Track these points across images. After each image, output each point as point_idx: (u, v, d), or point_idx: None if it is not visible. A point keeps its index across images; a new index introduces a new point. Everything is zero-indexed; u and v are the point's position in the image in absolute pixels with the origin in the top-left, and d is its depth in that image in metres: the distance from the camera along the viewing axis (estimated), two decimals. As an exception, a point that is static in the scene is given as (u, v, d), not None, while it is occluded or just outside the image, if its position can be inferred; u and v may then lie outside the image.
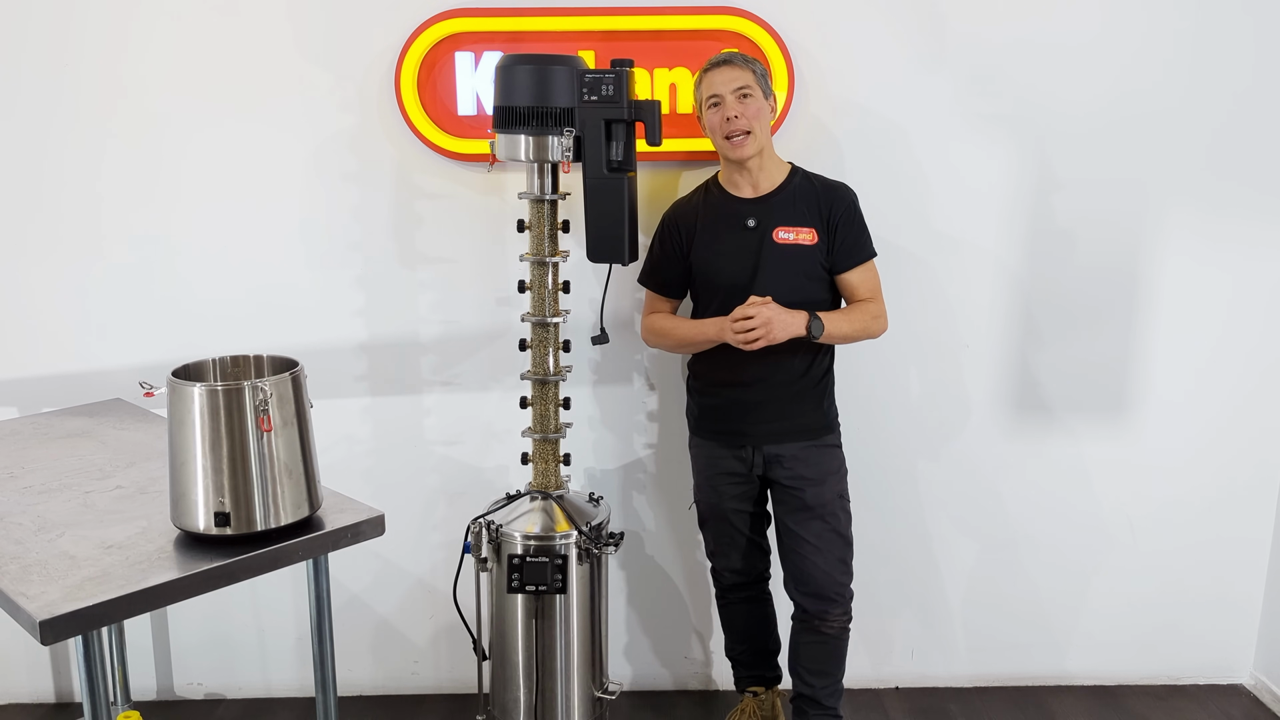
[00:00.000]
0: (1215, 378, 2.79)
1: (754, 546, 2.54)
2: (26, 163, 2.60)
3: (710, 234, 2.37)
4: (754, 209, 2.33)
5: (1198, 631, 2.96)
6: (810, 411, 2.39)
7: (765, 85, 2.29)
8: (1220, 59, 2.59)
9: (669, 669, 2.96)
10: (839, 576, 2.43)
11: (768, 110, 2.29)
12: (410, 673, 2.95)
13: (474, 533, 2.37)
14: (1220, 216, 2.68)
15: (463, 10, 2.50)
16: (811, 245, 2.30)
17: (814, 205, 2.31)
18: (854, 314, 2.33)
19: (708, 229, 2.37)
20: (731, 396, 2.41)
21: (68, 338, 2.70)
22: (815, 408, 2.40)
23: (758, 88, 2.26)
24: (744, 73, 2.25)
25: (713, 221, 2.37)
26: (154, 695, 2.94)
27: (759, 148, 2.28)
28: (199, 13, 2.53)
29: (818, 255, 2.31)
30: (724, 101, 2.24)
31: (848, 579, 2.45)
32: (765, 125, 2.29)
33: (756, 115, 2.25)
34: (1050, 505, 2.86)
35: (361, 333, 2.71)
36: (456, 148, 2.55)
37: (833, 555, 2.41)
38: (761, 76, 2.28)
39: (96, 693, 1.61)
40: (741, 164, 2.30)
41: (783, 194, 2.33)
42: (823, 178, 2.38)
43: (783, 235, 2.30)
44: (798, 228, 2.30)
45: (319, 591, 2.00)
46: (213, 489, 1.72)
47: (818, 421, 2.41)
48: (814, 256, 2.31)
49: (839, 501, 2.42)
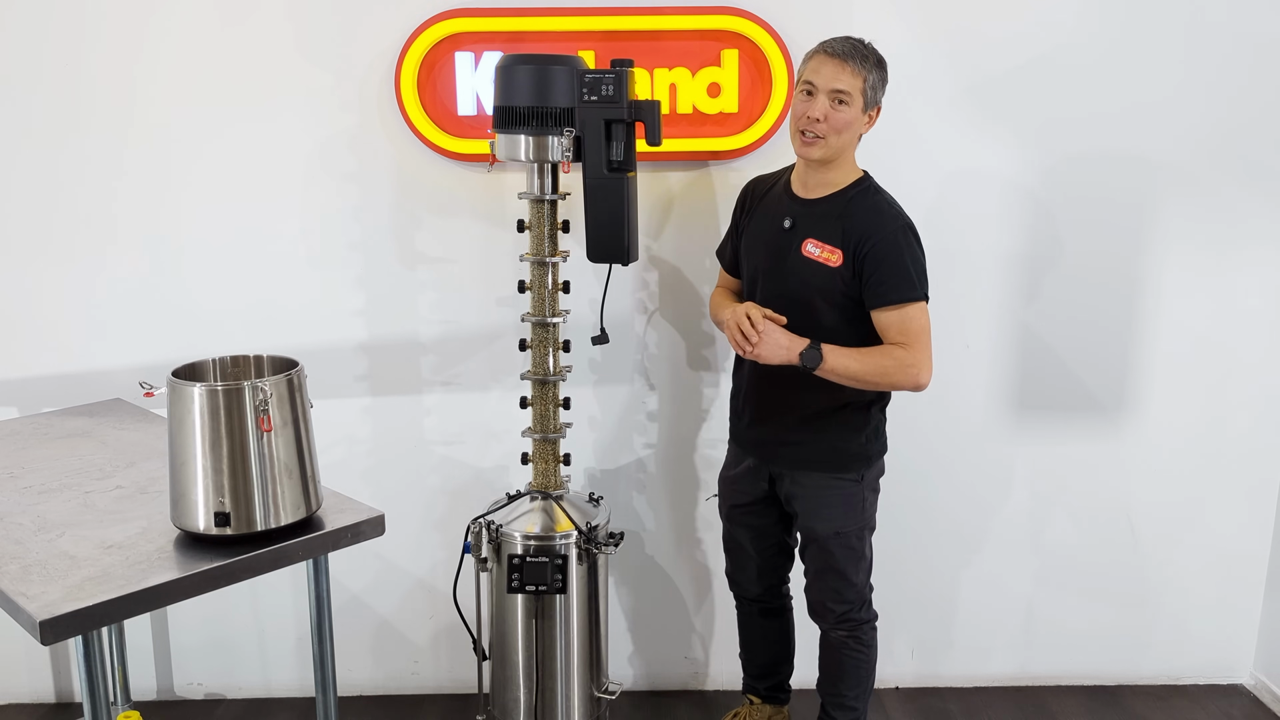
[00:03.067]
0: (1215, 378, 2.79)
1: (757, 559, 2.48)
2: (26, 163, 2.60)
3: (760, 220, 2.28)
4: (797, 210, 2.20)
5: (1198, 631, 2.96)
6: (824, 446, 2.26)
7: (874, 95, 2.10)
8: (1219, 58, 2.59)
9: (669, 669, 2.96)
10: (831, 604, 2.37)
11: (862, 123, 2.11)
12: (410, 673, 2.95)
13: (474, 533, 2.37)
14: (1220, 216, 2.68)
15: (463, 10, 2.50)
16: (835, 268, 2.11)
17: (852, 227, 2.11)
18: (872, 356, 2.09)
19: (761, 214, 2.28)
20: (742, 403, 2.38)
21: (68, 338, 2.70)
22: (830, 439, 2.25)
23: (861, 98, 2.07)
24: (854, 79, 2.05)
25: (767, 208, 2.27)
26: (154, 695, 2.94)
27: (828, 156, 2.12)
28: (199, 14, 2.53)
29: (839, 280, 2.11)
30: (816, 97, 2.08)
31: (843, 608, 2.36)
32: (848, 137, 2.10)
33: (843, 127, 2.08)
34: (1050, 505, 2.86)
35: (361, 333, 2.71)
36: (456, 148, 2.55)
37: (827, 584, 2.36)
38: (874, 86, 2.08)
39: (96, 693, 1.62)
40: (805, 160, 2.16)
41: (829, 204, 2.16)
42: (882, 201, 2.15)
43: (810, 248, 2.14)
44: (827, 245, 2.12)
45: (319, 591, 2.00)
46: (213, 489, 1.72)
47: (835, 456, 2.26)
48: (835, 280, 2.12)
49: (834, 539, 2.30)
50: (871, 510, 2.37)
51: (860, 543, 2.34)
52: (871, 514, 2.37)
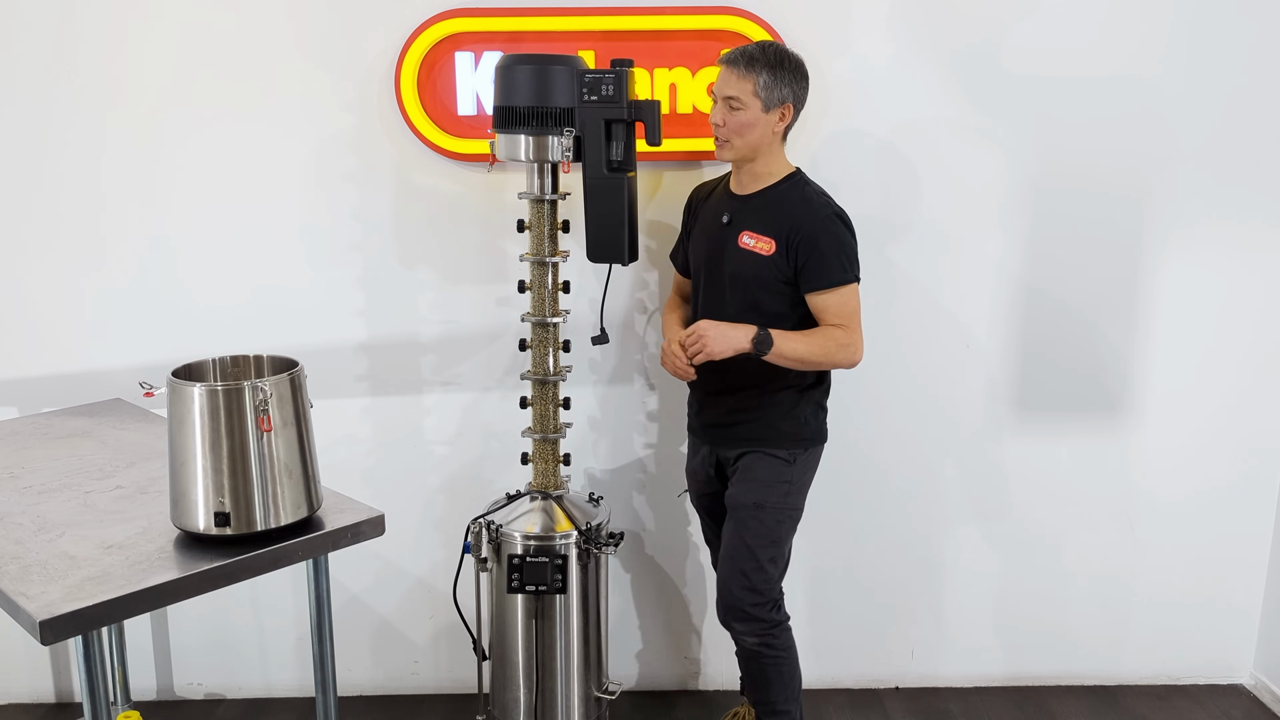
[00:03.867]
0: (1214, 378, 2.79)
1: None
2: (26, 163, 2.60)
3: (703, 219, 2.37)
4: (733, 206, 2.29)
5: (1198, 631, 2.96)
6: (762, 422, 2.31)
7: (772, 94, 2.15)
8: (1218, 57, 2.59)
9: (669, 669, 2.96)
10: (737, 590, 2.30)
11: (761, 123, 2.17)
12: (410, 673, 2.95)
13: (474, 533, 2.37)
14: (1219, 214, 2.68)
15: (463, 10, 2.50)
16: (768, 256, 2.20)
17: (783, 217, 2.20)
18: (816, 338, 2.19)
19: (704, 214, 2.38)
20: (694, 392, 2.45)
21: (68, 338, 2.70)
22: (767, 421, 2.31)
23: (755, 100, 2.14)
24: (741, 83, 2.14)
25: (709, 208, 2.37)
26: (154, 695, 2.94)
27: (738, 156, 2.22)
28: (199, 13, 2.53)
29: (774, 268, 2.20)
30: (715, 104, 2.20)
31: (751, 598, 2.29)
32: (753, 138, 2.18)
33: (740, 129, 2.17)
34: (1050, 505, 2.86)
35: (361, 333, 2.71)
36: (456, 148, 2.55)
37: (735, 565, 2.30)
38: (767, 86, 2.14)
39: (96, 693, 1.61)
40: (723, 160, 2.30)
41: (762, 198, 2.25)
42: (810, 192, 2.24)
43: (746, 240, 2.23)
44: (760, 235, 2.21)
45: (319, 591, 2.00)
46: (213, 489, 1.72)
47: (768, 432, 2.31)
48: (770, 268, 2.20)
49: (753, 510, 2.29)
50: (796, 499, 2.34)
51: (779, 526, 2.31)
52: (796, 504, 2.34)
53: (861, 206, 2.64)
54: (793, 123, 2.24)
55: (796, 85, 2.19)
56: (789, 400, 2.30)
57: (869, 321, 2.74)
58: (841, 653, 2.96)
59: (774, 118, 2.18)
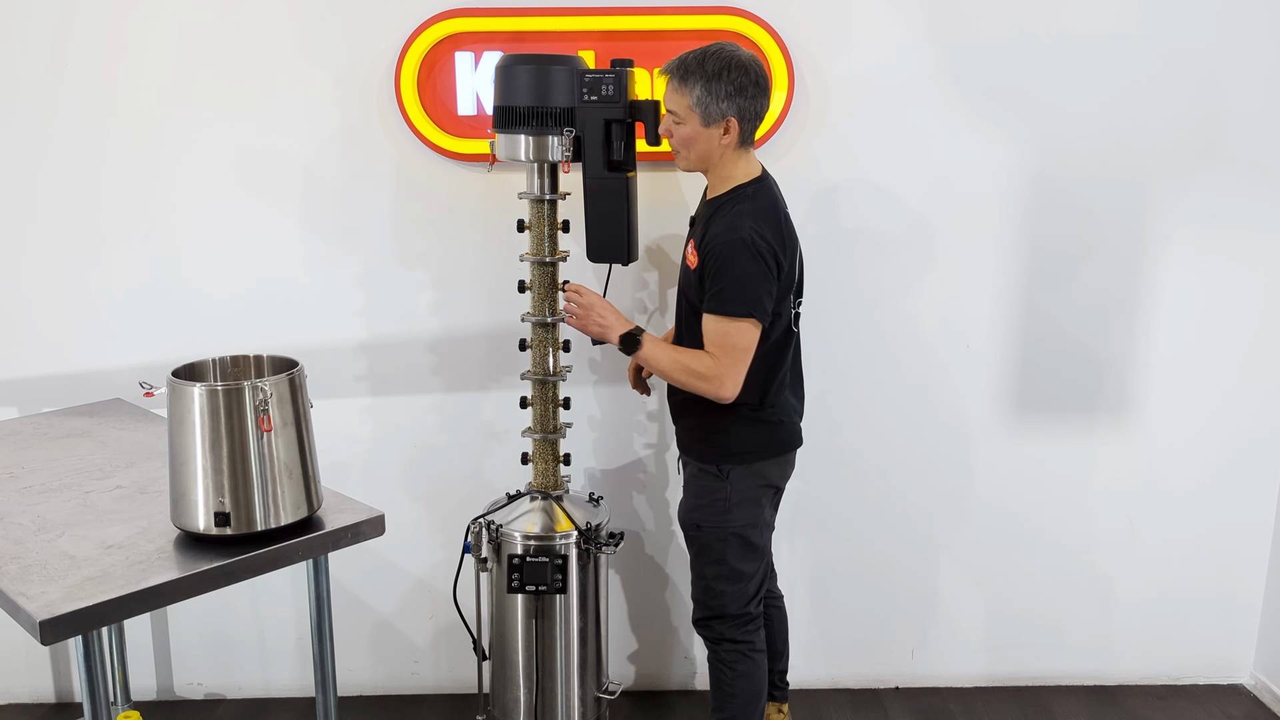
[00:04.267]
0: (1215, 377, 2.79)
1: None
2: (26, 163, 2.60)
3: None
4: (697, 214, 2.25)
5: (1198, 631, 2.96)
6: (693, 431, 2.26)
7: (709, 109, 2.03)
8: (1218, 56, 2.59)
9: (669, 669, 2.96)
10: (694, 596, 2.31)
11: (703, 137, 2.06)
12: (410, 673, 2.95)
13: (474, 533, 2.37)
14: (1219, 213, 2.68)
15: (463, 10, 2.50)
16: (694, 269, 2.12)
17: (709, 232, 2.09)
18: (683, 358, 2.11)
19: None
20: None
21: (68, 338, 2.70)
22: (698, 431, 2.25)
23: (693, 114, 2.04)
24: (677, 96, 2.05)
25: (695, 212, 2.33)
26: (154, 695, 2.94)
27: (690, 168, 2.16)
28: (199, 13, 2.53)
29: (699, 281, 2.10)
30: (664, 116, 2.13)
31: (699, 610, 2.30)
32: (699, 151, 2.09)
33: (685, 142, 2.09)
34: (1050, 505, 2.86)
35: (361, 333, 2.71)
36: (456, 148, 2.55)
37: (692, 575, 2.31)
38: (702, 102, 2.02)
39: (96, 693, 1.62)
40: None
41: (707, 209, 2.17)
42: (742, 209, 2.08)
43: (688, 250, 2.18)
44: (695, 247, 2.14)
45: (319, 591, 2.00)
46: (213, 489, 1.72)
47: (698, 444, 2.25)
48: (696, 281, 2.11)
49: (695, 531, 2.25)
50: (740, 517, 2.21)
51: (720, 545, 2.22)
52: (740, 521, 2.21)
53: (862, 206, 2.65)
54: (749, 132, 2.09)
55: (741, 98, 2.03)
56: (716, 411, 2.16)
57: (870, 322, 2.75)
58: (841, 653, 2.96)
59: (716, 132, 2.06)
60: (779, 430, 2.24)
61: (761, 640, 2.33)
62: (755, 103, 2.07)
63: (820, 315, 2.64)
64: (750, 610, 2.29)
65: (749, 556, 2.25)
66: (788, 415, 2.26)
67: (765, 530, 2.29)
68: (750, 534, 2.23)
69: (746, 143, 2.12)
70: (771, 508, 2.30)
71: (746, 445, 2.21)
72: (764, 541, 2.28)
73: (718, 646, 2.32)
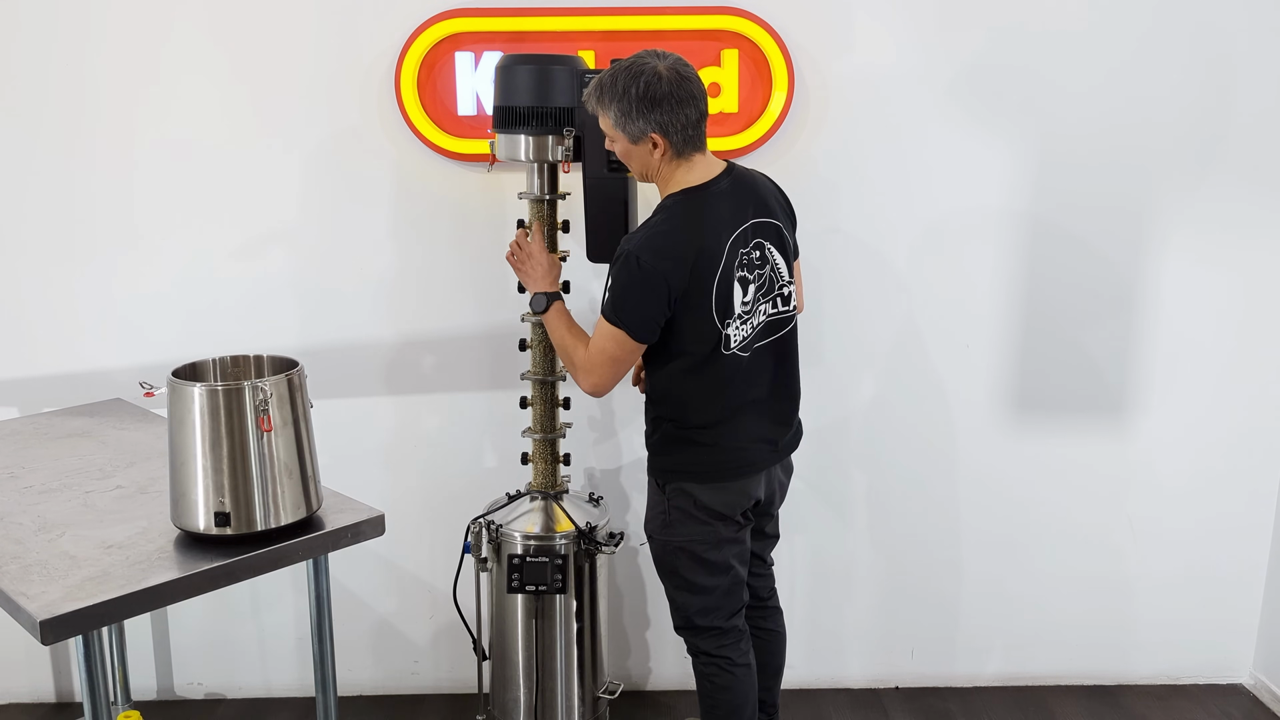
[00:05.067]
0: (1215, 377, 2.79)
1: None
2: (25, 163, 2.60)
3: None
4: None
5: (1197, 631, 2.96)
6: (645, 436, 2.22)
7: (629, 129, 1.95)
8: (1218, 56, 2.59)
9: (669, 669, 2.96)
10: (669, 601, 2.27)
11: (635, 153, 1.99)
12: (410, 673, 2.95)
13: (474, 533, 2.37)
14: (1219, 212, 2.68)
15: (463, 10, 2.50)
16: None
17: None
18: (569, 339, 2.12)
19: None
20: None
21: (68, 338, 2.70)
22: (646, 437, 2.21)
23: (617, 135, 1.98)
24: (602, 118, 2.00)
25: None
26: (154, 695, 2.94)
27: (640, 180, 2.10)
28: (199, 14, 2.53)
29: None
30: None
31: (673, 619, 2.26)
32: (637, 166, 2.03)
33: (622, 159, 2.04)
34: (1050, 505, 2.86)
35: (361, 332, 2.71)
36: (456, 148, 2.55)
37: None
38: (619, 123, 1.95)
39: (96, 693, 1.62)
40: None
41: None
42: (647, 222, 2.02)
43: None
44: None
45: (319, 591, 2.00)
46: (213, 489, 1.72)
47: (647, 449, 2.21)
48: None
49: (649, 540, 2.22)
50: (682, 533, 2.13)
51: (670, 557, 2.17)
52: (681, 535, 2.13)
53: (862, 206, 2.65)
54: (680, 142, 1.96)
55: (657, 112, 1.91)
56: (654, 420, 2.16)
57: (869, 324, 2.75)
58: (842, 653, 2.96)
59: (645, 149, 1.97)
60: (714, 454, 2.10)
61: (745, 655, 2.24)
62: (676, 114, 1.92)
63: (820, 315, 2.64)
64: (719, 625, 2.20)
65: (704, 571, 2.15)
66: (735, 442, 2.11)
67: (728, 547, 2.15)
68: (701, 550, 2.13)
69: (685, 152, 1.99)
70: (734, 527, 2.15)
71: (674, 464, 2.14)
72: (723, 558, 2.15)
73: (695, 658, 2.27)
